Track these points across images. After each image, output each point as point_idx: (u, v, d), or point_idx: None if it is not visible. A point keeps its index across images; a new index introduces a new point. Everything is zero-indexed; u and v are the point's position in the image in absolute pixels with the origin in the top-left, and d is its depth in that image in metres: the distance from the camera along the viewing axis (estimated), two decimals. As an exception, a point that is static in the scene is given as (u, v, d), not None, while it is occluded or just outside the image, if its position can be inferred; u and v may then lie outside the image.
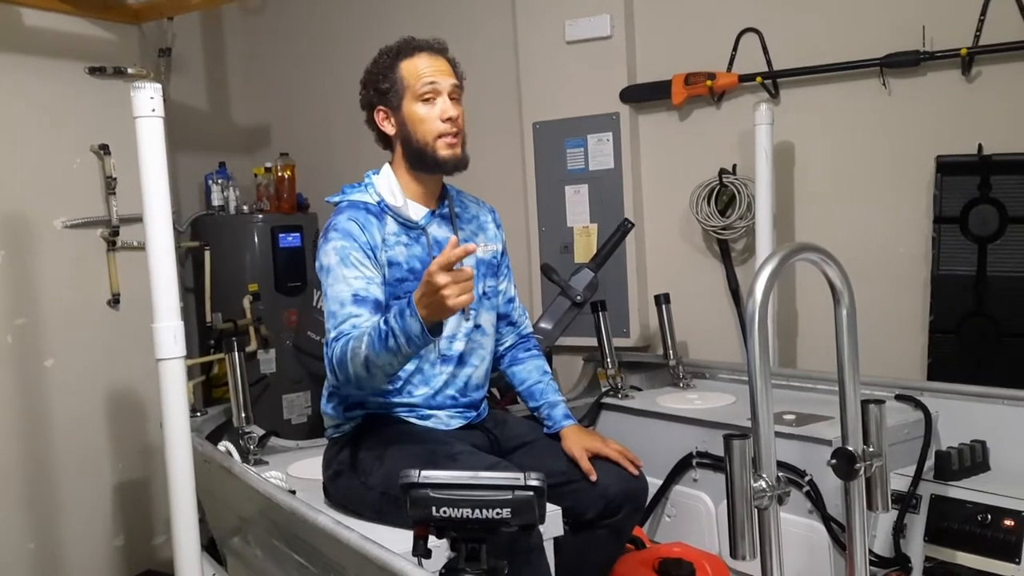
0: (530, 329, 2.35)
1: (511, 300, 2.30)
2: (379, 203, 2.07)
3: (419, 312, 1.74)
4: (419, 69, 2.06)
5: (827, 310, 1.66)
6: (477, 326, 2.15)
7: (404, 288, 2.03)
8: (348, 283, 1.95)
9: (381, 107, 2.09)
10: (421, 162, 2.08)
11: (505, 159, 3.63)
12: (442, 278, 1.69)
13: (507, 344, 2.30)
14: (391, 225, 2.06)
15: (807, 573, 2.23)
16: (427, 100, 2.05)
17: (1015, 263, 2.61)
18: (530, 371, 2.26)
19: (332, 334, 1.94)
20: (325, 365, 1.97)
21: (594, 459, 2.05)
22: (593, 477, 2.02)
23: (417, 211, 2.10)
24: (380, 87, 2.08)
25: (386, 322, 1.82)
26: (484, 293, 2.18)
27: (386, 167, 2.13)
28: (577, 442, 2.09)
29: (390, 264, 2.03)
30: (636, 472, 2.08)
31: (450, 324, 2.09)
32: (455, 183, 2.23)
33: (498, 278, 2.24)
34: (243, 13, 4.38)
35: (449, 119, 2.05)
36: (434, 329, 1.77)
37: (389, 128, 2.10)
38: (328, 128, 4.12)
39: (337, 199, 2.12)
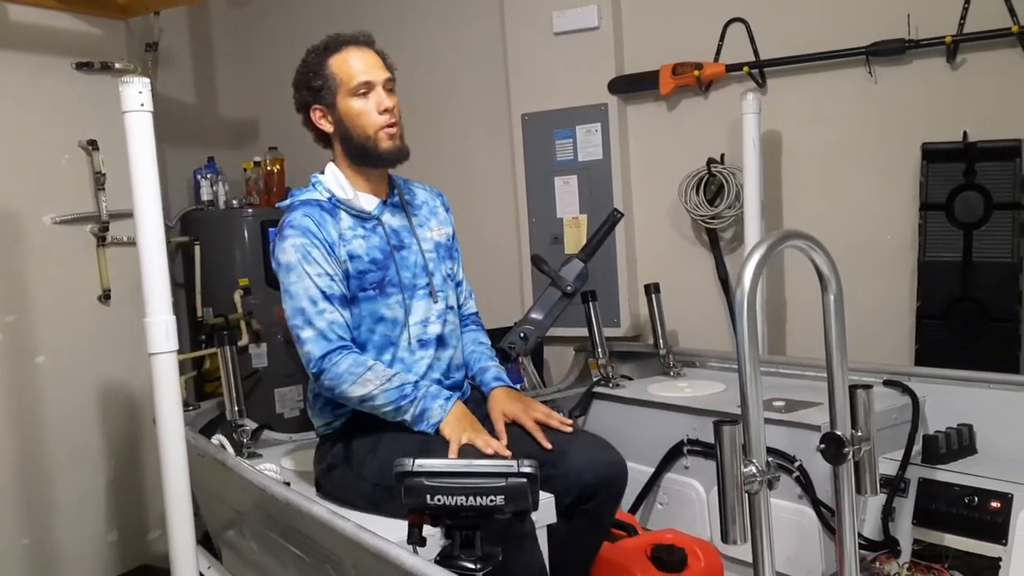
0: (473, 309, 2.37)
1: (459, 283, 2.31)
2: (330, 199, 2.08)
3: (451, 419, 1.95)
4: (350, 64, 2.07)
5: (815, 297, 1.68)
6: (449, 307, 2.17)
7: (368, 279, 2.05)
8: (313, 280, 1.98)
9: (317, 106, 2.10)
10: (363, 157, 2.09)
11: (494, 151, 3.64)
12: (485, 446, 1.91)
13: None
14: (345, 219, 2.08)
15: (797, 557, 2.25)
16: (362, 94, 2.05)
17: (1000, 249, 2.63)
18: (466, 343, 2.29)
19: (307, 331, 1.98)
20: (305, 359, 1.99)
21: (570, 443, 2.02)
22: (504, 440, 1.99)
23: (369, 202, 2.12)
24: (313, 85, 2.08)
25: (416, 387, 1.98)
26: (447, 276, 2.21)
27: (330, 165, 2.14)
28: (497, 405, 2.09)
29: (351, 257, 2.04)
30: (558, 436, 2.04)
31: (421, 308, 2.11)
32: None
33: (453, 260, 2.27)
34: (230, 6, 4.36)
35: (386, 110, 2.06)
36: (436, 429, 1.96)
37: (327, 126, 2.11)
38: (317, 121, 4.11)
39: (288, 202, 2.14)
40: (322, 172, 2.14)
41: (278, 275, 2.05)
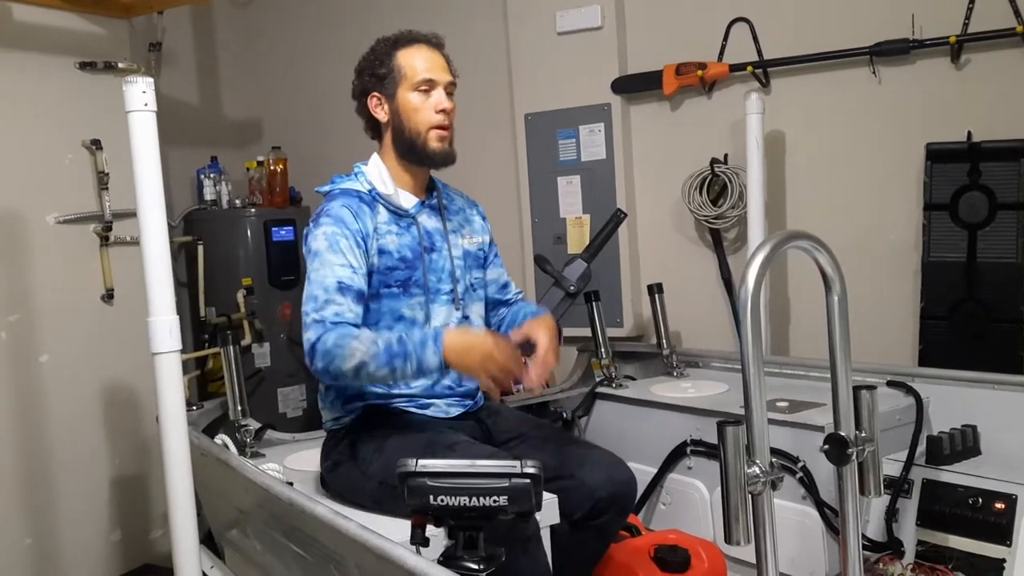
0: (522, 297, 2.38)
1: (506, 285, 2.31)
2: (370, 191, 2.09)
3: (450, 355, 1.85)
4: (416, 60, 2.08)
5: (819, 298, 1.67)
6: (466, 317, 2.17)
7: (395, 277, 2.05)
8: (333, 270, 1.97)
9: (375, 93, 2.11)
10: (411, 153, 2.10)
11: (497, 151, 3.64)
12: (503, 367, 1.84)
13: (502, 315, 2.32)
14: (382, 214, 2.08)
15: (801, 557, 2.25)
16: (423, 91, 2.07)
17: (1005, 249, 2.62)
18: (516, 306, 2.30)
19: (312, 317, 1.93)
20: (305, 348, 1.94)
21: (585, 458, 2.03)
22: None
23: (408, 200, 2.12)
24: (377, 72, 2.09)
25: (400, 342, 1.88)
26: (471, 285, 2.20)
27: (374, 157, 2.15)
28: (529, 326, 2.04)
29: (381, 252, 2.04)
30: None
31: (442, 313, 2.11)
32: (445, 175, 2.24)
33: (486, 269, 2.27)
34: (233, 6, 4.36)
35: (443, 111, 2.07)
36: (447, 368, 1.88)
37: (382, 115, 2.11)
38: (320, 121, 4.11)
39: (327, 188, 2.14)
40: (365, 163, 2.14)
41: (306, 261, 2.04)
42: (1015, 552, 2.02)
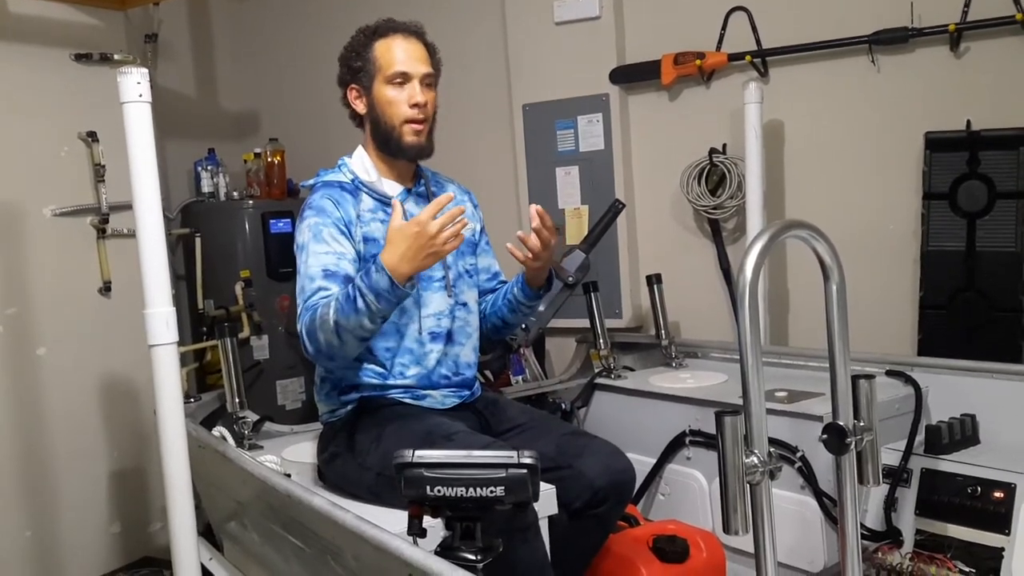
0: None
1: (496, 275, 2.32)
2: (353, 180, 2.09)
3: (403, 266, 1.81)
4: (392, 52, 2.08)
5: (818, 287, 1.67)
6: (463, 304, 2.17)
7: None
8: (318, 258, 1.98)
9: (353, 86, 2.12)
10: (387, 145, 2.11)
11: (495, 141, 3.63)
12: (434, 225, 1.79)
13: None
14: (367, 201, 2.09)
15: (799, 547, 2.25)
16: (397, 83, 2.06)
17: (1004, 238, 2.62)
18: (499, 289, 2.31)
19: (301, 307, 1.96)
20: (300, 339, 1.97)
21: (583, 449, 2.03)
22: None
23: (392, 187, 2.13)
24: (353, 65, 2.10)
25: (353, 285, 1.86)
26: (466, 271, 2.20)
27: (359, 148, 2.16)
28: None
29: (366, 240, 2.04)
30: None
31: (436, 301, 2.11)
32: (436, 166, 2.24)
33: (477, 256, 2.28)
34: (229, -2, 4.35)
35: (416, 105, 2.06)
36: (405, 282, 1.83)
37: (360, 107, 2.13)
38: (318, 113, 4.07)
39: (312, 182, 2.15)
40: (350, 155, 2.15)
41: (296, 258, 2.05)
42: (1013, 541, 2.02)
